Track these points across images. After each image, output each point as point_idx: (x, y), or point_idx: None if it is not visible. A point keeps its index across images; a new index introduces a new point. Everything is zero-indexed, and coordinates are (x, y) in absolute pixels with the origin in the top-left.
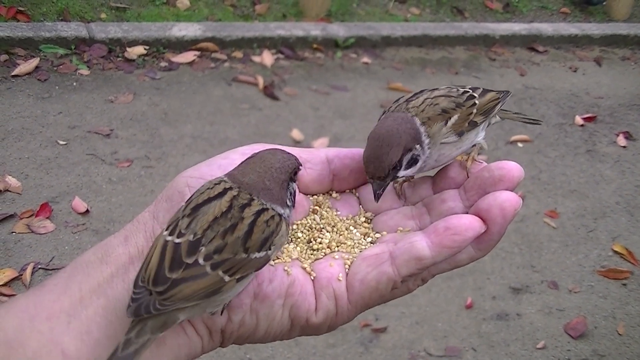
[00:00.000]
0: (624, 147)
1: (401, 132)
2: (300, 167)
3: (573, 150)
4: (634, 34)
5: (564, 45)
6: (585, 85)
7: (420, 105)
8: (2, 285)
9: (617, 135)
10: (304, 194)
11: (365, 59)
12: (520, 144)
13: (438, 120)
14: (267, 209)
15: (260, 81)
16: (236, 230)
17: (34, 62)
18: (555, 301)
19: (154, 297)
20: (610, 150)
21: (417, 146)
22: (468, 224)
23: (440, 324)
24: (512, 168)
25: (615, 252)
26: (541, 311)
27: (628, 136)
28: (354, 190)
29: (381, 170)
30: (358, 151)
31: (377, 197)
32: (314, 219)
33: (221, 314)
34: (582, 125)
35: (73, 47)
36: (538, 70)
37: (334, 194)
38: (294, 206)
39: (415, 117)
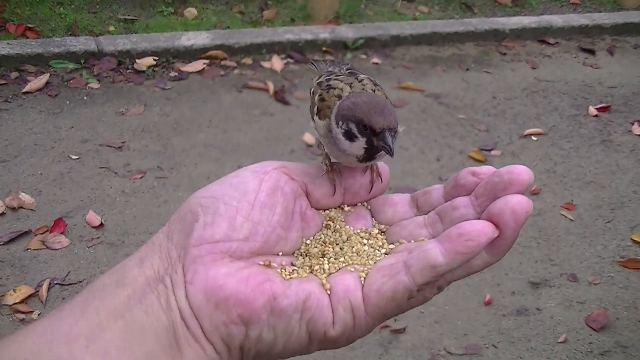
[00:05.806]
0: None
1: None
2: None
3: (588, 141)
4: None
5: (574, 36)
6: (598, 75)
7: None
8: (19, 302)
9: (632, 124)
10: (316, 209)
11: (375, 60)
12: (534, 137)
13: None
14: None
15: (271, 86)
16: None
17: (44, 78)
18: (575, 294)
19: None
20: (626, 140)
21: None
22: (481, 229)
23: (460, 322)
24: (521, 172)
25: (635, 241)
26: (561, 305)
27: None
28: (365, 203)
29: (395, 119)
30: None
31: (393, 151)
32: (327, 234)
33: None
34: (596, 116)
35: (82, 61)
36: (550, 62)
37: (346, 208)
38: None
39: None
